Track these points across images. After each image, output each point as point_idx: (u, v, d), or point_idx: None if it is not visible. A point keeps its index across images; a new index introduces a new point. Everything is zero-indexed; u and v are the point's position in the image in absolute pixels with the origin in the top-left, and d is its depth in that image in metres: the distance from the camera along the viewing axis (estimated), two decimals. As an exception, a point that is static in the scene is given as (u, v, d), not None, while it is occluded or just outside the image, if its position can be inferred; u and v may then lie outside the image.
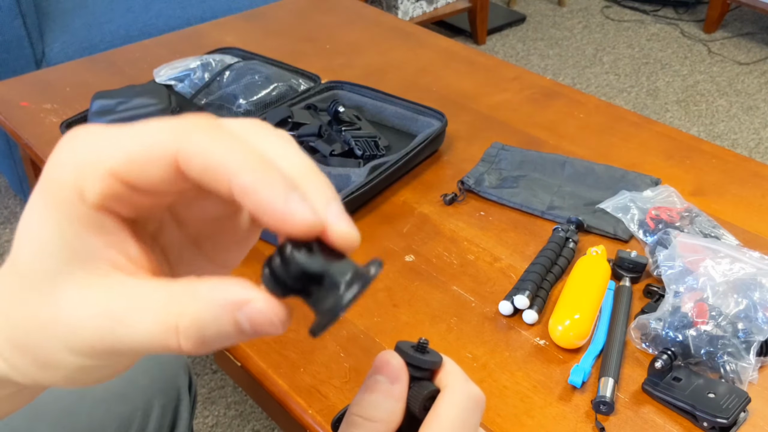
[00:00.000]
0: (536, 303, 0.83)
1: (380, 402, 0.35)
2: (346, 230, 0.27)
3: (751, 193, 1.04)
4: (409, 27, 1.55)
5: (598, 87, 2.78)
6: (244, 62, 1.29)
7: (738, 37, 3.13)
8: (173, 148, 0.25)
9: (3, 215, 2.03)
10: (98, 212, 0.26)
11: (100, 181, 0.25)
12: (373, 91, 1.19)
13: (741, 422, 0.71)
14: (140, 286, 0.26)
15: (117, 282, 0.26)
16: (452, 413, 0.36)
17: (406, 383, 0.37)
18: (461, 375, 0.38)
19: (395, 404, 0.36)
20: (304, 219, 0.25)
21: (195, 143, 0.25)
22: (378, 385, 0.36)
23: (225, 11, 1.96)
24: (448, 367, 0.39)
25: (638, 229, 0.94)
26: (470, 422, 0.36)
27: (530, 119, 1.21)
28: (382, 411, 0.35)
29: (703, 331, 0.74)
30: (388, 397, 0.36)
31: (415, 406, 0.37)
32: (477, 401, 0.37)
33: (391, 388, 0.36)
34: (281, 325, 0.26)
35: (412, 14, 2.89)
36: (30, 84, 1.32)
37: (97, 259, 0.26)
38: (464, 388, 0.37)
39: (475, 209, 1.01)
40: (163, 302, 0.26)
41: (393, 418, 0.35)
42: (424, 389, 0.37)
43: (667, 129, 1.19)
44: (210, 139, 0.25)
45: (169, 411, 0.84)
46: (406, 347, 0.38)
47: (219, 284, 0.26)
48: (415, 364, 0.38)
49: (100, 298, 0.26)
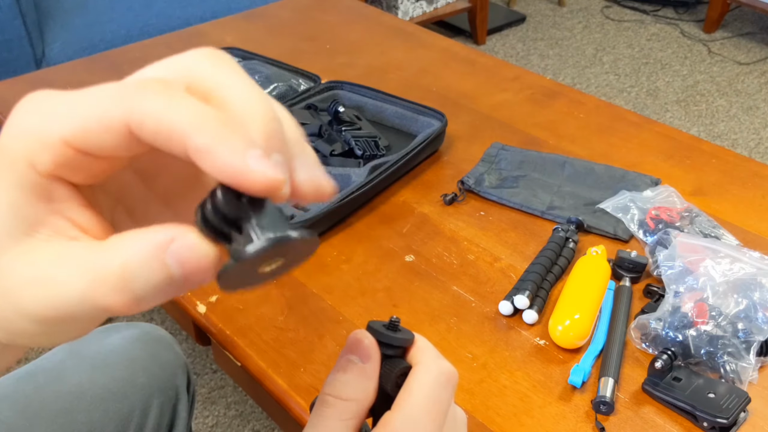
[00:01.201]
0: (536, 303, 0.83)
1: (352, 381, 0.36)
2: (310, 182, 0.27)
3: (751, 193, 1.04)
4: (409, 27, 1.55)
5: (598, 87, 2.78)
6: (244, 62, 1.29)
7: (738, 37, 3.13)
8: (125, 113, 0.24)
9: (3, 215, 2.03)
10: (48, 180, 0.26)
11: (51, 149, 0.25)
12: (373, 91, 1.19)
13: (741, 422, 0.71)
14: (72, 248, 0.26)
15: (56, 247, 0.26)
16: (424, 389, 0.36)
17: (378, 361, 0.37)
18: (432, 351, 0.39)
19: (367, 382, 0.36)
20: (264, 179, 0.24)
21: (145, 107, 0.24)
22: (350, 364, 0.36)
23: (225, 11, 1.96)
24: (419, 344, 0.39)
25: (638, 229, 0.94)
26: (442, 397, 0.37)
27: (530, 119, 1.21)
28: (355, 390, 0.36)
29: (703, 331, 0.74)
30: (360, 376, 0.36)
31: (388, 383, 0.37)
32: (449, 376, 0.37)
33: (363, 366, 0.36)
34: (210, 264, 0.25)
35: (412, 14, 2.89)
36: (30, 84, 1.32)
37: (41, 225, 0.26)
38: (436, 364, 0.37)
39: (475, 209, 1.01)
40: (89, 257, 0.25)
41: (365, 396, 0.36)
42: (396, 366, 0.38)
43: (667, 129, 1.19)
44: (160, 100, 0.24)
45: (167, 410, 0.84)
46: (377, 326, 0.39)
47: (145, 230, 0.25)
48: (386, 342, 0.38)
49: (38, 264, 0.25)
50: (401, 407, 0.35)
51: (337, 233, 0.96)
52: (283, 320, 0.83)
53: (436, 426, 0.36)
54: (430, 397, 0.36)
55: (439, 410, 0.36)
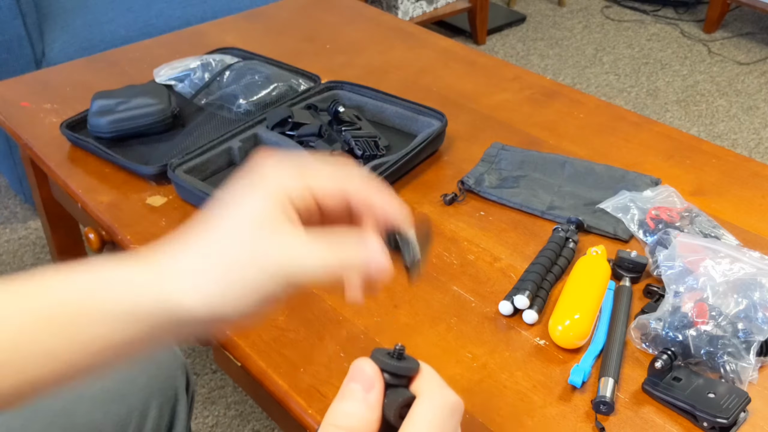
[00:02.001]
0: (536, 303, 0.83)
1: (355, 410, 0.36)
2: None
3: (751, 193, 1.04)
4: (409, 27, 1.55)
5: (598, 87, 2.78)
6: (244, 62, 1.29)
7: (738, 37, 3.13)
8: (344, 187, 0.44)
9: (3, 215, 2.03)
10: (291, 205, 0.43)
11: (303, 192, 0.44)
12: (373, 91, 1.19)
13: (741, 422, 0.71)
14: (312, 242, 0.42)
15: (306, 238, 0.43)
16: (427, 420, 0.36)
17: (381, 391, 0.37)
18: (438, 381, 0.38)
19: (370, 413, 0.36)
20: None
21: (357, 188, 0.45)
22: (352, 393, 0.36)
23: (225, 11, 1.96)
24: (424, 374, 0.39)
25: (638, 229, 0.94)
26: (446, 428, 0.36)
27: (530, 119, 1.21)
28: (357, 419, 0.35)
29: (703, 331, 0.74)
30: (363, 406, 0.36)
31: (390, 414, 0.36)
32: (453, 408, 0.37)
33: (365, 396, 0.36)
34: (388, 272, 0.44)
35: (412, 14, 2.89)
36: (30, 84, 1.32)
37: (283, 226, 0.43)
38: (440, 395, 0.37)
39: (475, 209, 1.01)
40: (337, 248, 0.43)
41: (368, 427, 0.36)
42: (400, 396, 0.37)
43: (667, 129, 1.19)
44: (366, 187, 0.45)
45: (166, 411, 0.84)
46: (381, 354, 0.38)
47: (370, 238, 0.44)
48: (390, 371, 0.38)
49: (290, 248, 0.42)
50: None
51: (337, 233, 0.96)
52: (283, 321, 0.83)
53: None
54: (433, 428, 0.35)
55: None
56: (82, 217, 1.26)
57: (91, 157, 1.11)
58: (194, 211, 1.00)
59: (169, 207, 1.01)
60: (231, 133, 1.09)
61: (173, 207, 1.01)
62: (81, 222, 1.34)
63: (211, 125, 1.17)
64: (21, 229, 1.98)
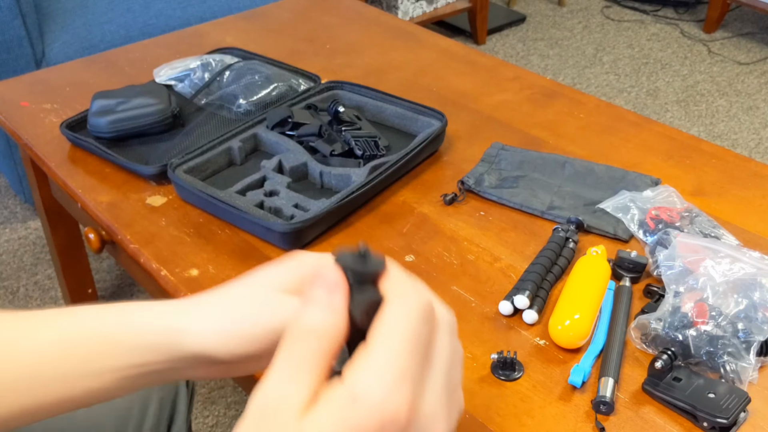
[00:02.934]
0: (536, 303, 0.83)
1: (319, 316, 0.34)
2: None
3: (751, 193, 1.04)
4: (409, 27, 1.55)
5: (598, 87, 2.78)
6: (244, 62, 1.29)
7: (738, 37, 3.13)
8: None
9: (3, 215, 2.03)
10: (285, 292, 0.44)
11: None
12: (373, 91, 1.19)
13: (741, 422, 0.71)
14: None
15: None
16: (397, 319, 0.33)
17: (345, 293, 0.34)
18: (407, 280, 0.36)
19: (335, 317, 0.34)
20: None
21: None
22: (315, 299, 0.34)
23: (225, 11, 1.96)
24: (392, 274, 0.36)
25: (638, 229, 0.94)
26: (420, 331, 0.34)
27: (530, 119, 1.21)
28: (322, 325, 0.34)
29: (703, 331, 0.74)
30: (327, 310, 0.34)
31: (357, 314, 0.34)
32: (426, 309, 0.35)
33: (329, 300, 0.34)
34: None
35: (412, 14, 2.89)
36: (30, 84, 1.32)
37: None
38: (411, 295, 0.35)
39: (475, 209, 1.01)
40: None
41: (334, 332, 0.34)
42: (366, 297, 0.35)
43: (667, 129, 1.19)
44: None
45: (167, 405, 0.84)
46: (344, 256, 0.36)
47: None
48: (355, 270, 0.35)
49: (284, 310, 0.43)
50: (373, 345, 0.33)
51: (337, 233, 0.96)
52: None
53: (414, 364, 0.33)
54: (405, 331, 0.33)
55: (417, 346, 0.33)
56: (82, 217, 1.26)
57: (91, 157, 1.11)
58: (194, 211, 1.00)
59: (169, 207, 1.01)
60: (231, 133, 1.09)
61: (173, 207, 1.01)
62: (81, 222, 1.34)
63: (211, 125, 1.17)
64: (21, 229, 1.98)
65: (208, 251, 0.93)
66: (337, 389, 0.32)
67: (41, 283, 1.81)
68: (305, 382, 0.32)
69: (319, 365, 0.33)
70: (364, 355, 0.33)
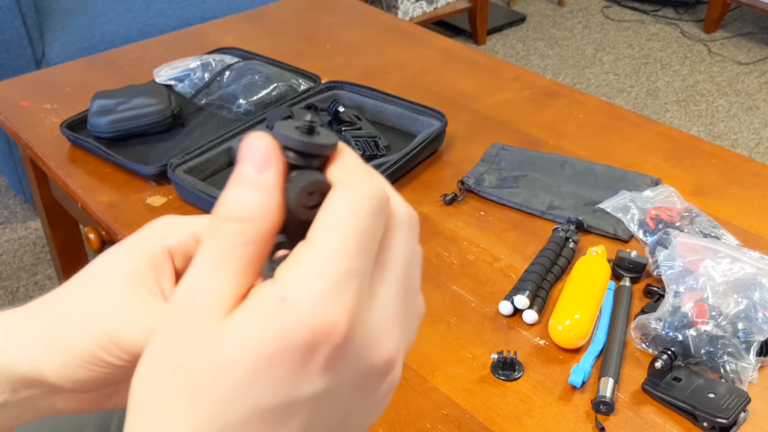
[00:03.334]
0: (536, 303, 0.83)
1: (245, 197, 0.28)
2: None
3: (751, 193, 1.04)
4: (409, 27, 1.55)
5: (598, 87, 2.78)
6: (244, 62, 1.29)
7: (738, 37, 3.13)
8: None
9: (3, 215, 2.03)
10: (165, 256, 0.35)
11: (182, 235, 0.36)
12: (373, 91, 1.19)
13: (741, 422, 0.71)
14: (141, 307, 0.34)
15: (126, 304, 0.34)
16: (345, 212, 0.27)
17: (280, 171, 0.28)
18: (361, 167, 0.30)
19: (265, 198, 0.28)
20: None
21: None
22: (242, 176, 0.28)
23: (225, 11, 1.96)
24: (345, 158, 0.30)
25: (638, 229, 0.94)
26: (371, 226, 0.28)
27: (530, 119, 1.21)
28: (249, 207, 0.28)
29: (703, 331, 0.74)
30: (256, 190, 0.28)
31: (293, 198, 0.28)
32: (381, 200, 0.29)
33: (258, 178, 0.28)
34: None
35: (412, 14, 2.89)
36: (30, 84, 1.32)
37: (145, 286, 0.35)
38: (364, 182, 0.28)
39: (475, 209, 1.01)
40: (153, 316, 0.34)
41: (264, 215, 0.28)
42: (308, 180, 0.28)
43: (667, 129, 1.19)
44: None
45: None
46: (285, 128, 0.29)
47: None
48: (295, 149, 0.28)
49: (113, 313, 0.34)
50: (313, 239, 0.27)
51: (337, 233, 0.96)
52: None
53: (361, 263, 0.27)
54: (352, 225, 0.27)
55: (366, 243, 0.28)
56: (82, 217, 1.26)
57: (91, 157, 1.11)
58: (194, 211, 1.00)
59: (169, 207, 1.01)
60: (231, 133, 1.09)
61: (173, 207, 1.01)
62: (81, 222, 1.34)
63: (211, 125, 1.17)
64: (21, 229, 1.98)
65: (208, 251, 0.93)
66: (266, 288, 0.27)
67: (41, 283, 1.81)
68: (229, 277, 0.27)
69: (246, 256, 0.28)
70: (302, 249, 0.27)
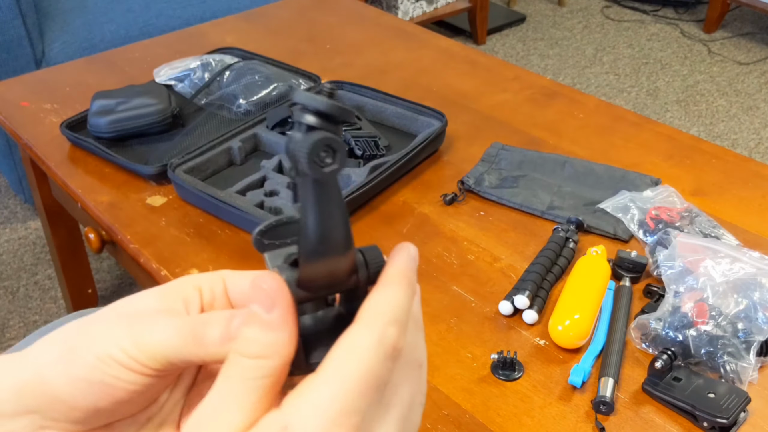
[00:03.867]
0: (536, 303, 0.83)
1: (256, 336, 0.30)
2: None
3: (751, 193, 1.04)
4: (409, 27, 1.55)
5: (598, 87, 2.78)
6: (244, 62, 1.29)
7: (738, 37, 3.13)
8: None
9: (3, 215, 2.03)
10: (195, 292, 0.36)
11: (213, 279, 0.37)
12: (373, 91, 1.19)
13: (741, 422, 0.71)
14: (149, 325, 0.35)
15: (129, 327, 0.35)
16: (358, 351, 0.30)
17: (287, 306, 0.31)
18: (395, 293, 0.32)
19: (276, 335, 0.30)
20: None
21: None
22: (251, 317, 0.31)
23: (225, 11, 1.96)
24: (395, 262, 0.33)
25: (638, 229, 0.94)
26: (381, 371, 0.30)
27: (530, 119, 1.21)
28: (261, 346, 0.30)
29: (703, 331, 0.74)
30: (266, 330, 0.30)
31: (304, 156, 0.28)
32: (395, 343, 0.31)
33: (267, 317, 0.30)
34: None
35: (412, 14, 2.89)
36: (30, 84, 1.32)
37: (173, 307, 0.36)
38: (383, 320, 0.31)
39: (475, 209, 1.01)
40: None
41: (276, 351, 0.30)
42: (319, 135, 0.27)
43: (667, 129, 1.19)
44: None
45: None
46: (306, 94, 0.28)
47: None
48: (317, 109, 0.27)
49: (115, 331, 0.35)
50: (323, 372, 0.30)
51: (337, 233, 0.96)
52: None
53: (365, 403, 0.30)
54: (362, 368, 0.29)
55: (373, 385, 0.30)
56: (82, 217, 1.26)
57: (91, 157, 1.11)
58: (194, 211, 1.00)
59: (169, 207, 1.01)
60: (231, 133, 1.09)
61: (173, 207, 1.01)
62: (81, 222, 1.34)
63: (211, 125, 1.17)
64: (21, 229, 1.98)
65: (208, 251, 0.93)
66: (273, 417, 0.29)
67: (41, 283, 1.81)
68: (243, 409, 0.30)
69: (261, 389, 0.30)
70: (311, 382, 0.30)
